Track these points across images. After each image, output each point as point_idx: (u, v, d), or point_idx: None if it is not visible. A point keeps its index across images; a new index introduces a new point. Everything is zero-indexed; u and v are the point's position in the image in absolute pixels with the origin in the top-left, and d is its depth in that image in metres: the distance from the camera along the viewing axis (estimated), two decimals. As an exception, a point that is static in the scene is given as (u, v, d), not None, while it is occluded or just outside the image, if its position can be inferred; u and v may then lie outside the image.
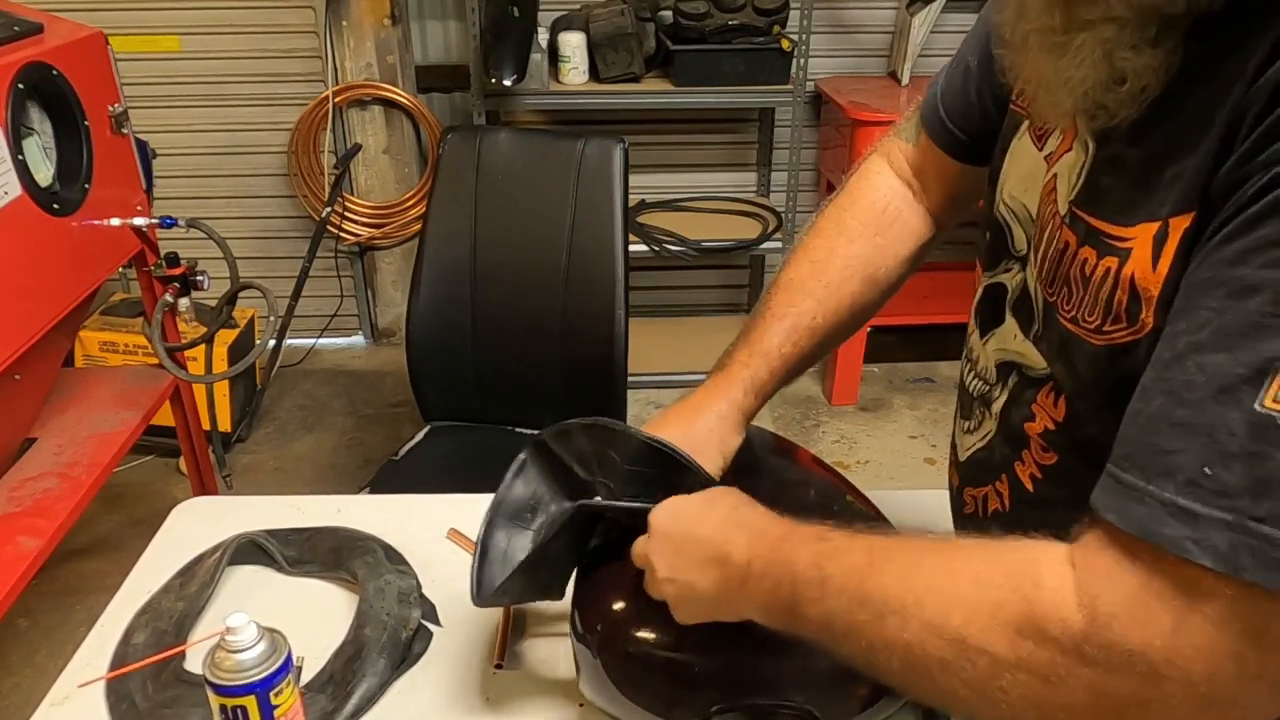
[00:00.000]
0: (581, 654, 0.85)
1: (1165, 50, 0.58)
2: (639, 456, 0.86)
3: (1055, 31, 0.62)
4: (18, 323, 1.51)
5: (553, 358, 1.78)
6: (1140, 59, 0.59)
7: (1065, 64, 0.62)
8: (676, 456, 0.84)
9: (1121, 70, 0.59)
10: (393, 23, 2.98)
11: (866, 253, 0.96)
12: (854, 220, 0.97)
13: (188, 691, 0.91)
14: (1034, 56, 0.66)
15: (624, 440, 0.88)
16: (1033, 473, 0.76)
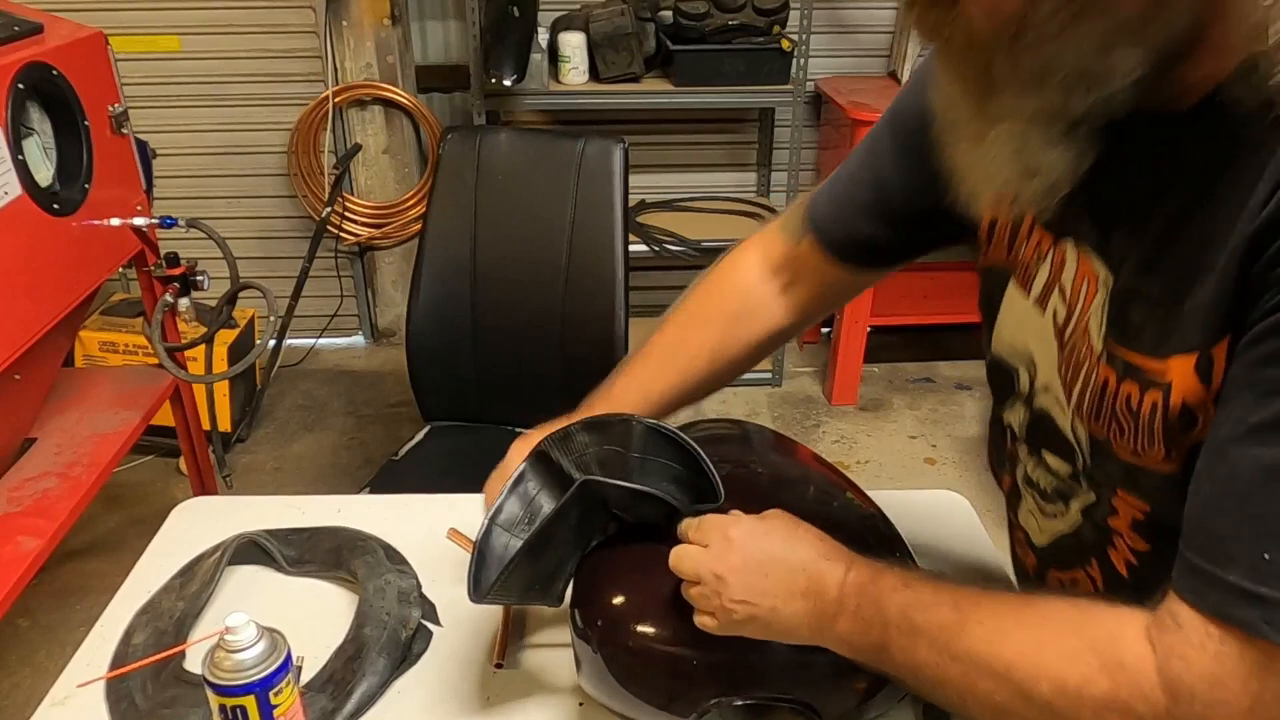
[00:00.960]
0: (581, 649, 0.85)
1: (1075, 148, 0.61)
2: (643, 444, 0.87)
3: (972, 122, 0.65)
4: (18, 323, 1.51)
5: (553, 358, 1.78)
6: (1050, 154, 0.62)
7: (981, 155, 0.65)
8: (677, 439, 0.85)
9: (1033, 165, 0.62)
10: (393, 23, 2.98)
11: (717, 339, 1.03)
12: (714, 308, 1.04)
13: (188, 691, 0.91)
14: (957, 147, 0.68)
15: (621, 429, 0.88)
16: (1127, 559, 0.76)
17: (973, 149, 0.65)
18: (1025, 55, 0.58)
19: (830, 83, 3.06)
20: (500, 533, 0.90)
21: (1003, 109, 0.62)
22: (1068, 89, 0.58)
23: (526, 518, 0.91)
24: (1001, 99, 0.61)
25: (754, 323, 1.03)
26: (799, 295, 1.02)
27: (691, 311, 1.05)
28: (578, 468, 0.89)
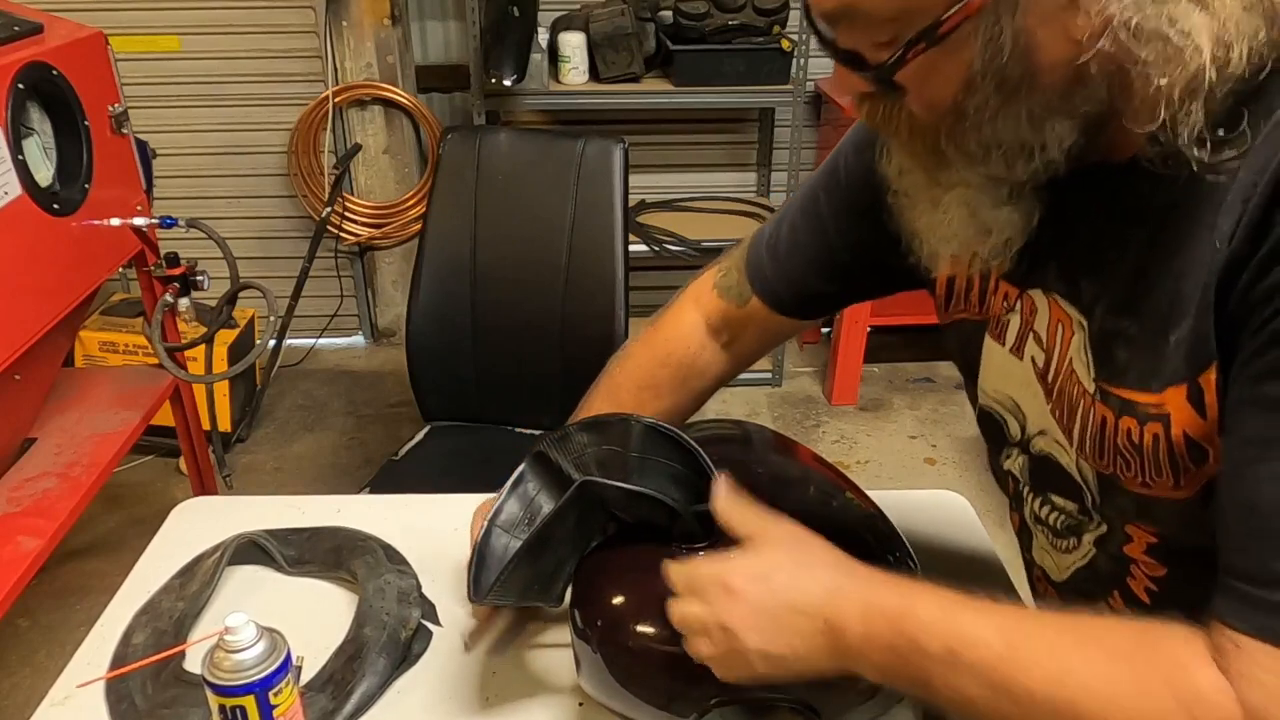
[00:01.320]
0: (581, 649, 0.85)
1: (1023, 207, 0.67)
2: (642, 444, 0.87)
3: (926, 190, 0.71)
4: (18, 323, 1.51)
5: (553, 358, 1.78)
6: (1000, 214, 0.68)
7: (937, 219, 0.70)
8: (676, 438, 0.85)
9: (987, 224, 0.68)
10: (393, 23, 2.98)
11: (673, 403, 1.08)
12: (666, 376, 1.08)
13: (187, 691, 0.91)
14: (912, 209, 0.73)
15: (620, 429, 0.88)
16: (1147, 585, 0.77)
17: (929, 213, 0.71)
18: (966, 136, 0.64)
19: (830, 83, 3.06)
20: (500, 533, 0.90)
21: (953, 179, 0.68)
22: (1009, 160, 0.64)
23: (526, 518, 0.91)
24: (950, 171, 0.68)
25: (700, 382, 1.09)
26: (742, 348, 1.08)
27: (642, 382, 1.10)
28: (577, 468, 0.89)
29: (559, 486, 0.91)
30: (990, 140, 0.63)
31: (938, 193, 0.69)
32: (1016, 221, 0.68)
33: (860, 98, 0.69)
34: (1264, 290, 0.58)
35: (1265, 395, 0.58)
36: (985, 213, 0.67)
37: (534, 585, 0.87)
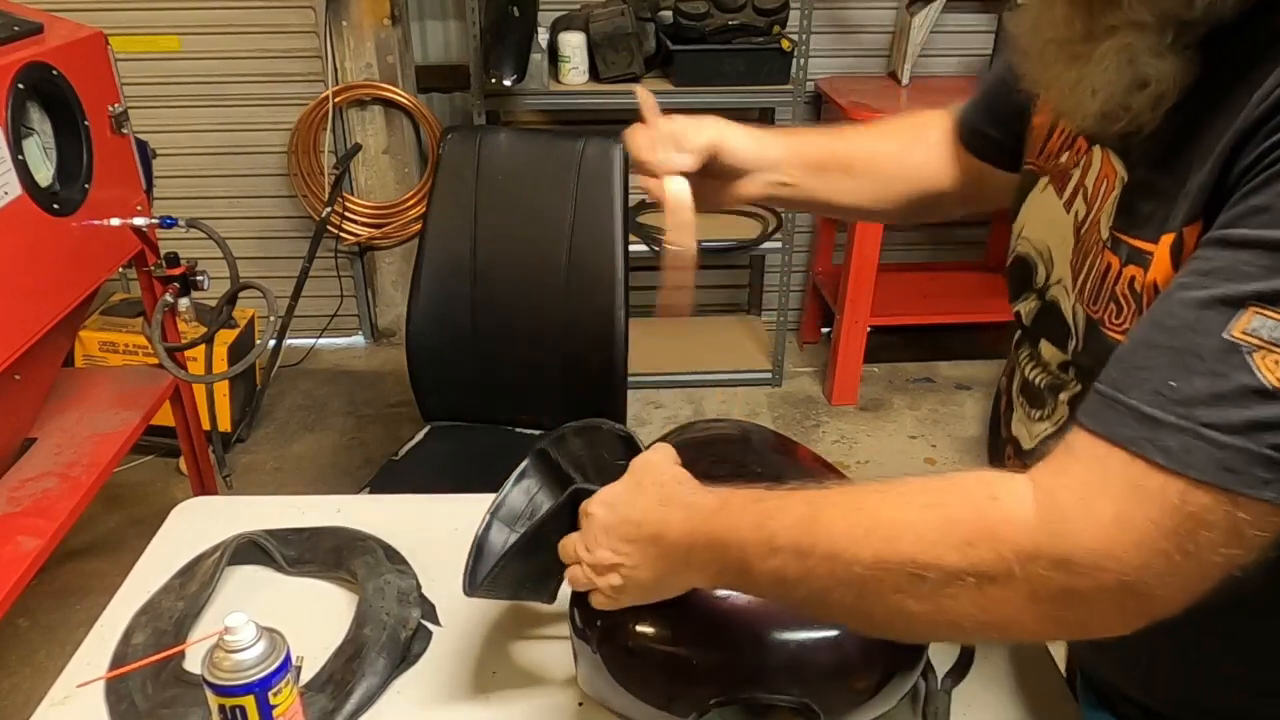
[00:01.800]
0: (580, 649, 0.85)
1: (1184, 58, 0.63)
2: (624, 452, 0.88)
3: (1076, 41, 0.66)
4: (18, 323, 1.51)
5: (553, 358, 1.78)
6: (1162, 64, 0.63)
7: (1089, 71, 0.66)
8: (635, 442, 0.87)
9: (1144, 75, 0.64)
10: (393, 23, 2.98)
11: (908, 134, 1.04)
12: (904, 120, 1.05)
13: (187, 691, 0.91)
14: (1054, 66, 0.69)
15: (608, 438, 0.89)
16: None
17: (1076, 66, 0.67)
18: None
19: (830, 83, 3.06)
20: (501, 527, 0.91)
21: (1117, 19, 0.63)
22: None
23: (527, 513, 0.92)
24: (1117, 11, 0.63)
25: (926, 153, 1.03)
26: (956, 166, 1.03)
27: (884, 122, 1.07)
28: (575, 468, 0.89)
29: (559, 484, 0.92)
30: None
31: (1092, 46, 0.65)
32: (1176, 74, 0.63)
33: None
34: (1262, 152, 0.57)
35: (1225, 236, 0.57)
36: (1145, 61, 0.63)
37: (528, 583, 0.87)
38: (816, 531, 0.65)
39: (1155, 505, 0.55)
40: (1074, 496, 0.57)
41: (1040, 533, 0.57)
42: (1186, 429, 0.54)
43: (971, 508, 0.61)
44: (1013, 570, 0.58)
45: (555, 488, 0.92)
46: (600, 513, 0.78)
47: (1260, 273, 0.54)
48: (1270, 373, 0.53)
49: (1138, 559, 0.55)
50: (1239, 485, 0.53)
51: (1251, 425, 0.53)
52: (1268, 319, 0.54)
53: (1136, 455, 0.56)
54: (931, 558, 0.60)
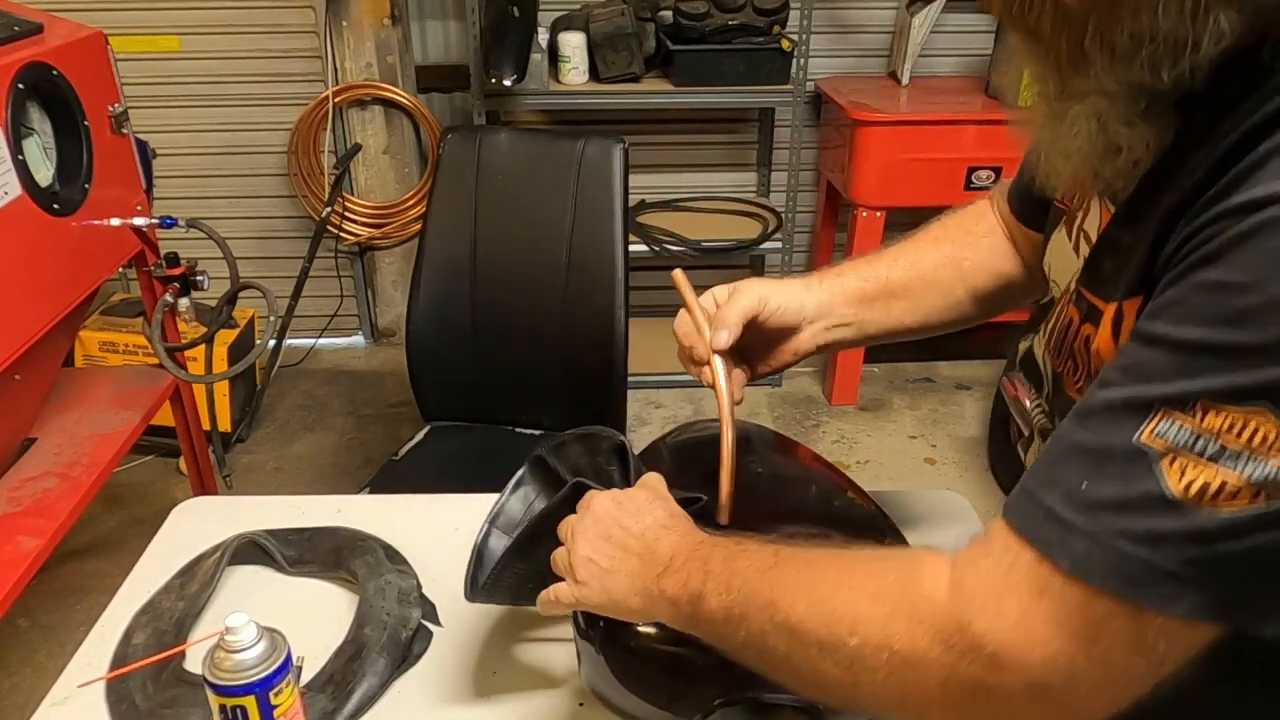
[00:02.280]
0: (584, 649, 0.85)
1: (1158, 125, 0.62)
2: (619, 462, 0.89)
3: (1052, 99, 0.65)
4: (18, 323, 1.51)
5: (553, 358, 1.78)
6: (1133, 131, 0.62)
7: (1063, 133, 0.65)
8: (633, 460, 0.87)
9: (1116, 142, 0.63)
10: (393, 23, 2.98)
11: (956, 235, 1.00)
12: (951, 217, 1.02)
13: (188, 691, 0.91)
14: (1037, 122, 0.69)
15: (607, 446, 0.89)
16: None
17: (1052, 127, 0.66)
18: (1119, 27, 0.58)
19: (830, 83, 3.06)
20: (499, 536, 0.91)
21: (1087, 86, 0.62)
22: (1157, 60, 0.58)
23: (525, 521, 0.92)
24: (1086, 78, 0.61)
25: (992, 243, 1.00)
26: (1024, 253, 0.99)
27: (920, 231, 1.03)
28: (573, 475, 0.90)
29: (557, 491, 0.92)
30: (1145, 31, 0.57)
31: (1067, 104, 0.64)
32: (1149, 140, 0.62)
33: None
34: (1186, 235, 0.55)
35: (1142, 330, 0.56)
36: (1116, 127, 0.62)
37: (528, 584, 0.87)
38: (769, 578, 0.67)
39: (1059, 607, 0.54)
40: (983, 589, 0.57)
41: (950, 619, 0.57)
42: (1093, 534, 0.53)
43: (897, 583, 0.61)
44: (927, 653, 0.58)
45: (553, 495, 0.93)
46: (602, 507, 0.79)
47: (1169, 373, 0.53)
48: (1175, 481, 0.52)
49: (1041, 659, 0.55)
50: (1142, 598, 0.52)
51: (1156, 537, 0.52)
52: (1176, 422, 0.52)
53: (1044, 556, 0.55)
54: (853, 624, 0.61)
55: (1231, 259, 0.52)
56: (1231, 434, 0.50)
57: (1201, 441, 0.51)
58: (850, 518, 0.91)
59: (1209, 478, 0.51)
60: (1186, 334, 0.53)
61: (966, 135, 2.74)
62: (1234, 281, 0.51)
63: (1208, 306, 0.52)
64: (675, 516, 0.78)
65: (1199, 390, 0.51)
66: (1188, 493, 0.51)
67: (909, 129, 2.76)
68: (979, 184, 2.74)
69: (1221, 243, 0.53)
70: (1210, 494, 0.51)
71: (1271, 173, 0.52)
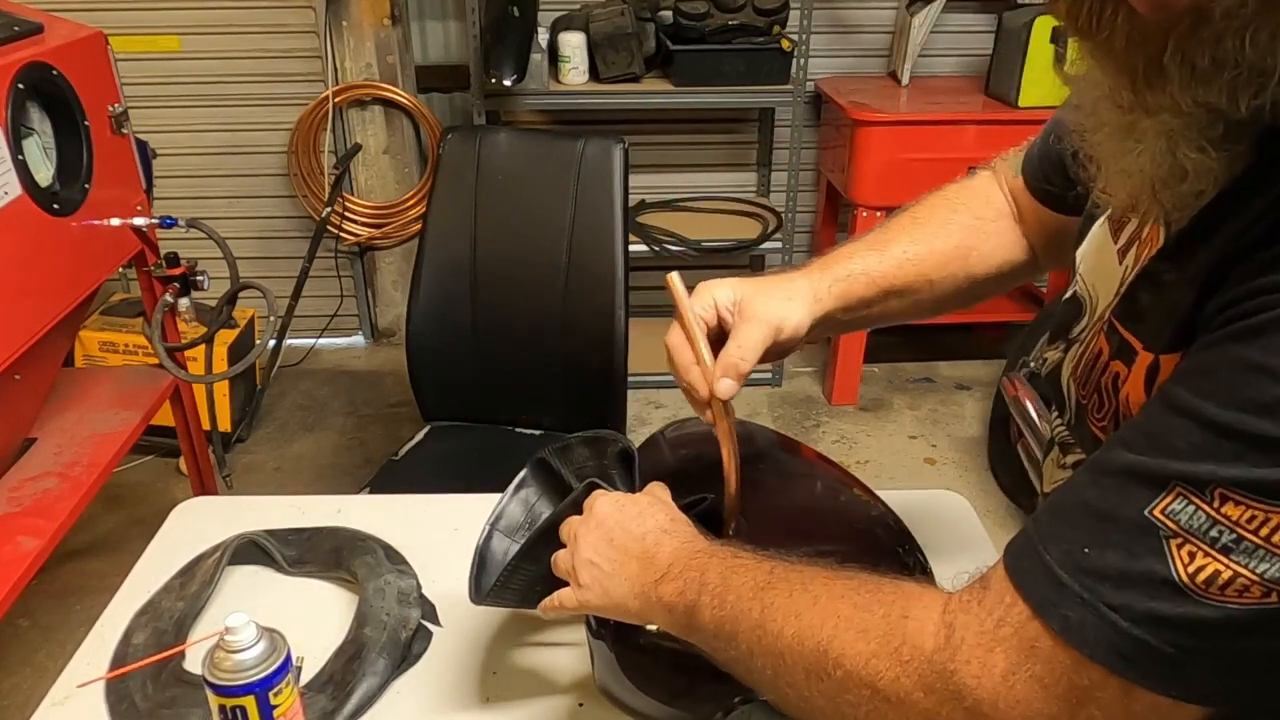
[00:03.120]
0: (597, 649, 0.85)
1: (1229, 155, 0.56)
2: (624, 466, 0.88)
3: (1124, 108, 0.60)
4: (18, 323, 1.51)
5: (553, 358, 1.78)
6: (1203, 158, 0.57)
7: (1128, 148, 0.60)
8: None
9: (1182, 167, 0.57)
10: (393, 23, 2.98)
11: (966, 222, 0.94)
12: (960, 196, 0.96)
13: (188, 691, 0.91)
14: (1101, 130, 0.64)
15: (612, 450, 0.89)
16: None
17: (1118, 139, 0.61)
18: (1201, 48, 0.52)
19: (830, 83, 3.06)
20: (501, 538, 0.91)
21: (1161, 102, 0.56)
22: (1236, 87, 0.52)
23: (527, 523, 0.92)
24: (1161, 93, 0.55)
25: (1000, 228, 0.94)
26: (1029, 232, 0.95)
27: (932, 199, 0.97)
28: (578, 479, 0.89)
29: (559, 494, 0.92)
30: (1229, 57, 0.51)
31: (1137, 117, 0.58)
32: (1216, 170, 0.57)
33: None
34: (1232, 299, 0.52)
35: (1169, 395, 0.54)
36: (1185, 150, 0.57)
37: (536, 587, 0.87)
38: (762, 598, 0.66)
39: (1046, 669, 0.53)
40: (972, 638, 0.56)
41: (934, 665, 0.56)
42: (1089, 602, 0.52)
43: (884, 619, 0.60)
44: (909, 695, 0.57)
45: (555, 497, 0.93)
46: (605, 510, 0.79)
47: (1190, 450, 0.50)
48: (1183, 566, 0.50)
49: (1023, 715, 0.54)
50: (1132, 675, 0.51)
51: (1154, 618, 0.50)
52: (1190, 503, 0.50)
53: (1037, 614, 0.54)
54: (839, 658, 0.60)
55: (1275, 341, 0.49)
56: (1249, 528, 0.48)
57: (1216, 529, 0.49)
58: (858, 514, 0.91)
59: (1219, 568, 0.49)
60: (1215, 414, 0.50)
61: (966, 135, 2.75)
62: (1272, 366, 0.49)
63: (1242, 389, 0.49)
64: (676, 522, 0.78)
65: (1220, 477, 0.49)
66: (1195, 579, 0.49)
67: (909, 129, 2.76)
68: (979, 184, 2.73)
69: (1267, 319, 0.50)
70: (1219, 585, 0.49)
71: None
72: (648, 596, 0.73)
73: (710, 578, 0.70)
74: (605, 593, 0.76)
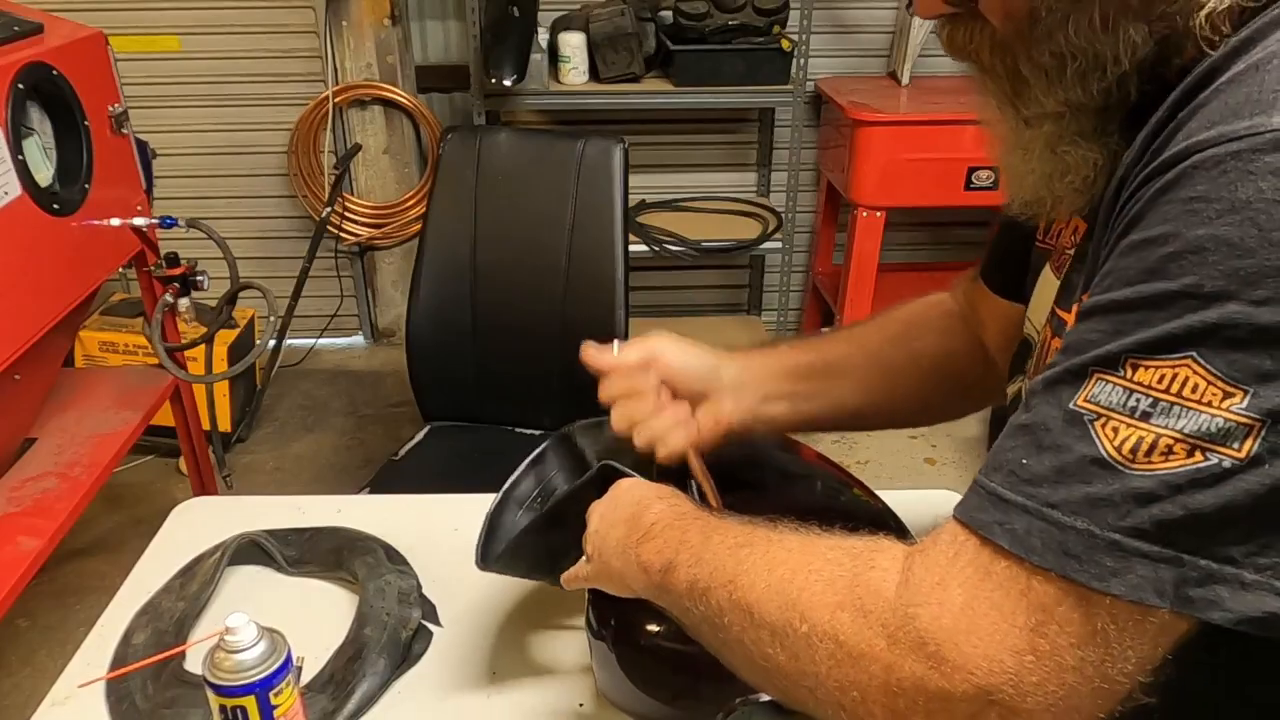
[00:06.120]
0: (596, 649, 0.85)
1: (1104, 143, 0.63)
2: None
3: (1011, 127, 0.67)
4: (18, 323, 1.51)
5: (553, 358, 1.78)
6: (1079, 151, 0.63)
7: (1019, 158, 0.67)
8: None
9: (1065, 161, 0.64)
10: (393, 23, 2.98)
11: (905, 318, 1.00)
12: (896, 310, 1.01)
13: (188, 692, 0.91)
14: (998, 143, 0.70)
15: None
16: None
17: (1015, 152, 0.68)
18: (1040, 46, 0.60)
19: (830, 83, 3.06)
20: (513, 506, 0.91)
21: (1036, 112, 0.64)
22: (1083, 76, 0.60)
23: (540, 495, 0.92)
24: (1033, 102, 0.63)
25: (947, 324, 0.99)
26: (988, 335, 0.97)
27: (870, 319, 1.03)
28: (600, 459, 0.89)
29: (578, 471, 0.92)
30: (1063, 49, 0.59)
31: (1023, 130, 0.66)
32: (1098, 159, 0.63)
33: (942, 23, 0.67)
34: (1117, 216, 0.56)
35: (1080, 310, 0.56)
36: (1063, 148, 0.64)
37: (543, 561, 0.87)
38: (738, 554, 0.66)
39: (1002, 593, 0.52)
40: (929, 576, 0.55)
41: (895, 611, 0.56)
42: (1031, 509, 0.52)
43: (851, 570, 0.59)
44: (871, 646, 0.56)
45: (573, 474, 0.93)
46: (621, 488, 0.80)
47: (1101, 338, 0.52)
48: (1109, 441, 0.50)
49: (984, 655, 0.52)
50: (1081, 575, 0.50)
51: (1091, 501, 0.50)
52: (1108, 383, 0.51)
53: (987, 540, 0.54)
54: (805, 610, 0.59)
55: (1153, 215, 0.52)
56: (1161, 388, 0.49)
57: (1133, 399, 0.50)
58: (859, 513, 0.91)
59: (1142, 434, 0.49)
60: (1115, 296, 0.52)
61: (966, 135, 2.74)
62: (1154, 235, 0.51)
63: (1134, 265, 0.52)
64: (674, 493, 0.79)
65: (1127, 345, 0.51)
66: (1121, 450, 0.50)
67: (909, 129, 2.76)
68: (979, 184, 2.74)
69: (1144, 203, 0.53)
70: (1144, 451, 0.49)
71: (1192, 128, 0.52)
72: (628, 556, 0.74)
73: (691, 537, 0.70)
74: (599, 554, 0.78)
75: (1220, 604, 0.49)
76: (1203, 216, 0.49)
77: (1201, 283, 0.48)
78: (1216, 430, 0.48)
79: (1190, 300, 0.49)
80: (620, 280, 1.75)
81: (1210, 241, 0.48)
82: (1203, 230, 0.49)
